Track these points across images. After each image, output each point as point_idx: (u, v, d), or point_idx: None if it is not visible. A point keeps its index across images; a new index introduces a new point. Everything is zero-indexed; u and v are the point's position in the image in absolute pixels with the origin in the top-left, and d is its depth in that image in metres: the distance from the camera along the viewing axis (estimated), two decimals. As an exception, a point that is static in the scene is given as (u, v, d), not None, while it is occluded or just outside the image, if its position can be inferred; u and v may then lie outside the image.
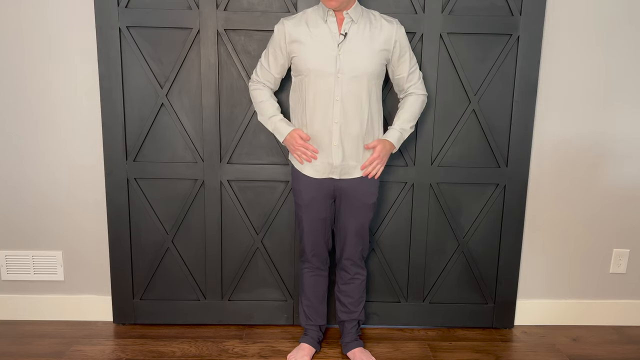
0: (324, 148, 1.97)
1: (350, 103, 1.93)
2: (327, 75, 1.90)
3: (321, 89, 1.92)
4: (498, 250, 2.42)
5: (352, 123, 1.94)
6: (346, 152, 1.97)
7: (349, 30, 1.91)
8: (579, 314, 2.53)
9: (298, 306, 2.36)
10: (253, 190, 2.33)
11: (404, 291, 2.46)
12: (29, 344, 2.28)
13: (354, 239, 2.11)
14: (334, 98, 1.91)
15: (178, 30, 2.20)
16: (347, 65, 1.90)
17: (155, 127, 2.28)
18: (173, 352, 2.23)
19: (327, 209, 2.09)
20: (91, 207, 2.39)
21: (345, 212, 2.07)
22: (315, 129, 1.96)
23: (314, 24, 1.93)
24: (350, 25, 1.91)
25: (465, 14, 2.21)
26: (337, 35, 1.91)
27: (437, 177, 2.34)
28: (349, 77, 1.90)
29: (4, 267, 2.43)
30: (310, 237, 2.11)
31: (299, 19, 1.96)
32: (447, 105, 2.29)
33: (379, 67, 1.96)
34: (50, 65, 2.26)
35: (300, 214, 2.09)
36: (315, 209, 2.06)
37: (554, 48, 2.28)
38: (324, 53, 1.90)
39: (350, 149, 1.97)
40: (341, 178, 2.02)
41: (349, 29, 1.91)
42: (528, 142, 2.31)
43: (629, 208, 2.45)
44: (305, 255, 2.17)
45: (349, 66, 1.90)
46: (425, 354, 2.26)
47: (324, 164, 1.99)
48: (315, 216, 2.07)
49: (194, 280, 2.42)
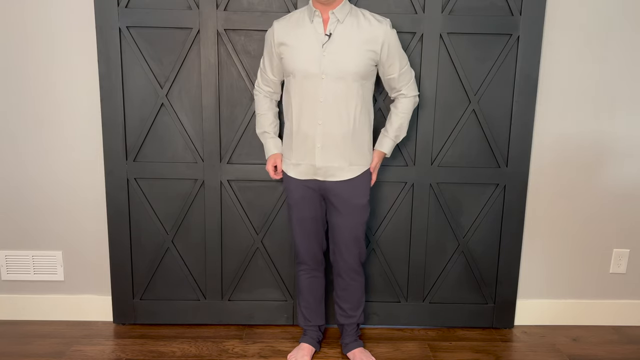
0: (308, 149, 1.94)
1: (335, 104, 1.88)
2: (312, 76, 1.87)
3: (306, 90, 1.89)
4: (498, 250, 2.42)
5: (337, 125, 1.90)
6: (330, 154, 1.93)
7: (334, 31, 1.87)
8: (579, 314, 2.53)
9: (298, 306, 2.36)
10: (253, 190, 2.34)
11: (404, 291, 2.46)
12: (29, 344, 2.28)
13: (347, 243, 2.05)
14: (318, 99, 1.88)
15: (178, 30, 2.20)
16: (331, 66, 1.86)
17: (155, 127, 2.28)
18: (173, 352, 2.23)
19: (316, 208, 2.06)
20: (91, 207, 2.39)
21: (336, 215, 2.03)
22: (301, 130, 1.94)
23: (301, 25, 1.91)
24: (336, 25, 1.87)
25: (465, 14, 2.21)
26: (322, 35, 1.87)
27: (437, 177, 2.34)
28: (333, 78, 1.86)
29: (4, 267, 2.43)
30: (302, 237, 2.10)
31: (287, 20, 1.95)
32: (447, 105, 2.29)
33: (365, 67, 1.89)
34: (50, 65, 2.26)
35: (291, 213, 2.08)
36: (304, 208, 2.04)
37: (554, 48, 2.28)
38: (309, 54, 1.87)
39: (334, 151, 1.93)
40: (326, 180, 1.98)
41: (334, 29, 1.87)
42: (528, 142, 2.31)
43: (629, 208, 2.45)
44: (300, 256, 2.15)
45: (333, 67, 1.86)
46: (425, 354, 2.26)
47: (308, 165, 1.96)
48: (304, 215, 2.06)
49: (194, 280, 2.42)
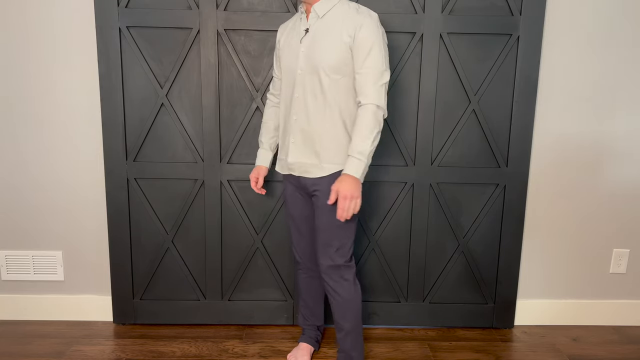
0: (285, 145, 1.94)
1: (309, 100, 1.83)
2: (291, 72, 1.87)
3: (286, 86, 1.90)
4: (498, 250, 2.42)
5: (310, 120, 1.84)
6: (302, 150, 1.88)
7: (312, 26, 1.83)
8: (578, 314, 2.53)
9: (298, 306, 2.36)
10: (253, 190, 2.33)
11: (404, 291, 2.46)
12: (29, 344, 2.28)
13: (319, 245, 1.91)
14: (294, 95, 1.87)
15: (178, 30, 2.20)
16: (306, 60, 1.82)
17: (155, 127, 2.28)
18: (173, 352, 2.23)
19: (303, 206, 2.01)
20: (91, 207, 2.39)
21: (316, 214, 1.93)
22: (281, 126, 1.96)
23: (293, 24, 1.93)
24: (316, 21, 1.83)
25: (465, 14, 2.21)
26: (302, 31, 1.86)
27: (437, 177, 2.34)
28: (308, 72, 1.81)
29: (4, 267, 2.43)
30: (294, 235, 2.08)
31: (287, 21, 1.98)
32: (447, 105, 2.29)
33: (338, 60, 1.77)
34: (50, 65, 2.26)
35: (286, 212, 2.08)
36: (292, 205, 2.03)
37: (554, 48, 2.28)
38: (290, 50, 1.88)
39: (306, 147, 1.87)
40: (301, 176, 1.92)
41: (313, 24, 1.83)
42: (528, 142, 2.31)
43: (629, 208, 2.45)
44: (295, 255, 2.13)
45: (307, 61, 1.81)
46: (425, 354, 2.26)
47: (283, 160, 1.97)
48: (292, 212, 2.04)
49: (194, 280, 2.43)
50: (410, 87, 2.24)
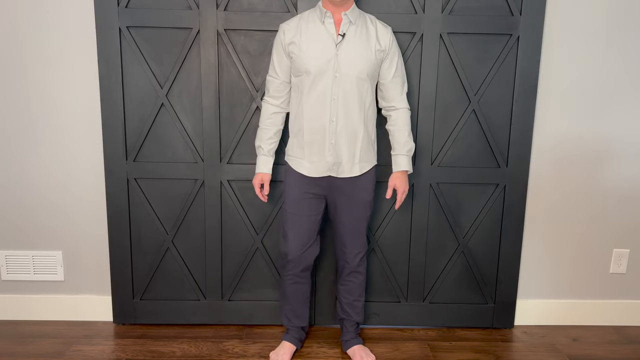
0: (321, 147, 1.99)
1: (348, 102, 1.95)
2: (326, 75, 1.92)
3: (319, 89, 1.94)
4: (498, 250, 2.42)
5: (349, 122, 1.97)
6: (342, 151, 1.99)
7: (347, 31, 1.93)
8: (579, 314, 2.53)
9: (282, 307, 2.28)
10: (253, 190, 2.33)
11: (404, 291, 2.46)
12: (29, 344, 2.28)
13: (350, 238, 2.11)
14: (332, 97, 1.94)
15: (178, 30, 2.20)
16: (345, 65, 1.92)
17: (155, 127, 2.28)
18: (173, 352, 2.23)
19: (315, 207, 2.07)
20: (91, 207, 2.39)
21: (342, 211, 2.08)
22: (313, 128, 1.98)
23: (311, 26, 1.95)
24: (349, 26, 1.93)
25: (465, 14, 2.21)
26: (335, 35, 1.93)
27: (437, 177, 2.34)
28: (347, 77, 1.93)
29: (4, 267, 2.43)
30: (293, 231, 2.07)
31: (296, 22, 1.98)
32: (447, 105, 2.29)
33: (375, 67, 1.97)
34: (50, 65, 2.26)
35: (288, 209, 2.07)
36: (303, 205, 2.05)
37: (554, 48, 2.28)
38: (323, 54, 1.92)
39: (346, 147, 1.99)
40: (338, 177, 2.03)
41: (347, 29, 1.93)
42: (528, 142, 2.31)
43: (629, 208, 2.45)
44: (287, 258, 2.10)
45: (347, 66, 1.92)
46: (425, 354, 2.26)
47: (321, 162, 2.00)
48: (300, 212, 2.05)
49: (194, 280, 2.43)
50: (410, 87, 2.24)
